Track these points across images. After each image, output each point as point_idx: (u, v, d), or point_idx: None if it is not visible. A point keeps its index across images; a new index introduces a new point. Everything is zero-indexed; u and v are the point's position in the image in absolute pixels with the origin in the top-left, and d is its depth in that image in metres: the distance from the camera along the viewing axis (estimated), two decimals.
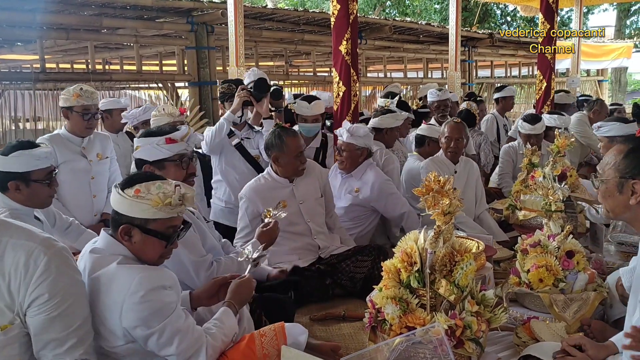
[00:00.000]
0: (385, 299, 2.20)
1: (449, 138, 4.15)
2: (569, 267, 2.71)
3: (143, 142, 2.70)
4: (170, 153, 2.67)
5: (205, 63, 7.43)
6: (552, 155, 4.08)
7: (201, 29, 7.35)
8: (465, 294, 2.14)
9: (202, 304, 2.36)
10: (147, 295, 1.89)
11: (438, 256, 2.18)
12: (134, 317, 1.89)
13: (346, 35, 4.14)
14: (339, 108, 4.24)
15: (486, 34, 11.57)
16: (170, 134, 2.69)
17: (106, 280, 1.93)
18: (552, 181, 3.04)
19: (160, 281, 1.95)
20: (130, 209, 2.00)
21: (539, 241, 2.84)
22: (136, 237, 2.02)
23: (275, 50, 10.24)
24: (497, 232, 4.09)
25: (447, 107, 5.95)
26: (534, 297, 2.71)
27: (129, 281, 1.90)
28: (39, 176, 2.77)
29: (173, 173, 2.64)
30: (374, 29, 9.28)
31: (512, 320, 2.67)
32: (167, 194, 2.01)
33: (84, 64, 9.75)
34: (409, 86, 11.66)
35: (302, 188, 3.57)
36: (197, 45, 7.40)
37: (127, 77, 7.86)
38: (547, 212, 2.93)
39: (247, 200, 3.46)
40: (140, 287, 1.89)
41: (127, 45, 8.27)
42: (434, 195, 2.16)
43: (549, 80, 6.74)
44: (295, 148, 3.42)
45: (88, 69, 8.11)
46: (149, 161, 2.67)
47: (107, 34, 7.34)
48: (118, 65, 8.78)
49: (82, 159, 3.81)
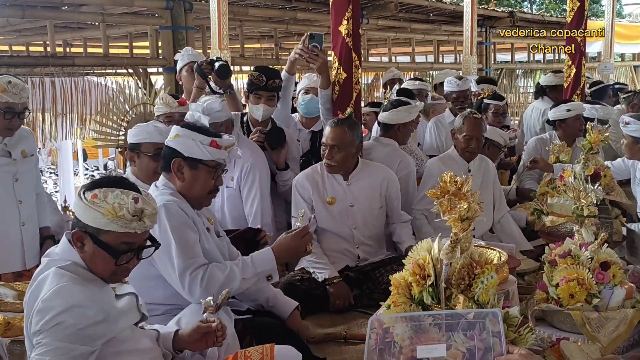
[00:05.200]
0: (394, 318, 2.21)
1: (469, 137, 4.15)
2: (603, 281, 2.73)
3: (185, 133, 2.78)
4: (210, 157, 2.75)
5: (182, 45, 7.36)
6: (583, 152, 4.11)
7: (178, 6, 7.32)
8: None
9: (186, 347, 2.39)
10: (56, 304, 1.98)
11: (455, 268, 2.19)
12: (35, 322, 1.99)
13: (347, 13, 4.13)
14: (338, 97, 4.24)
15: (506, 13, 11.61)
16: (217, 139, 2.78)
17: (37, 283, 2.07)
18: (584, 182, 3.07)
19: (80, 300, 2.00)
20: (84, 214, 2.10)
21: (569, 251, 2.86)
22: (88, 246, 2.11)
23: (263, 31, 10.23)
24: (520, 240, 4.12)
25: (467, 99, 5.96)
26: (564, 315, 2.73)
27: (50, 286, 2.01)
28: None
29: (203, 179, 2.77)
30: (377, 7, 9.28)
31: (539, 342, 2.69)
32: (122, 205, 2.08)
33: (41, 46, 9.70)
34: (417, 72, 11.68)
35: (356, 190, 3.75)
36: (173, 25, 7.36)
37: (91, 61, 7.81)
38: (579, 218, 2.96)
39: (300, 187, 3.78)
40: (55, 295, 1.98)
41: (92, 25, 8.23)
42: (450, 198, 2.17)
43: (578, 65, 6.75)
44: None
45: (46, 51, 8.05)
46: (183, 155, 2.75)
47: (69, 12, 7.29)
48: (81, 47, 8.75)
49: (2, 158, 3.71)
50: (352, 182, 3.77)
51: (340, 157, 3.69)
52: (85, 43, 8.61)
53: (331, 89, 4.22)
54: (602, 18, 13.57)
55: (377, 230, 3.87)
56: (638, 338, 2.79)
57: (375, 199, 3.79)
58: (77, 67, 7.33)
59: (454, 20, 10.82)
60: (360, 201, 3.77)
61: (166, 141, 2.84)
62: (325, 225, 3.75)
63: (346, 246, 3.78)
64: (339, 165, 3.72)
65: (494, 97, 5.79)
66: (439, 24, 11.26)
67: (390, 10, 9.23)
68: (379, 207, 3.81)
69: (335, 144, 3.66)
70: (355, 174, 3.79)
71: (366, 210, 3.78)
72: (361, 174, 3.80)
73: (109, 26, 7.72)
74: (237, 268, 2.74)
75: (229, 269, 2.73)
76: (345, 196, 3.76)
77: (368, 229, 3.82)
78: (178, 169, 2.74)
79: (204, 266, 2.69)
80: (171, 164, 2.76)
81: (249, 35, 10.26)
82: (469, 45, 8.19)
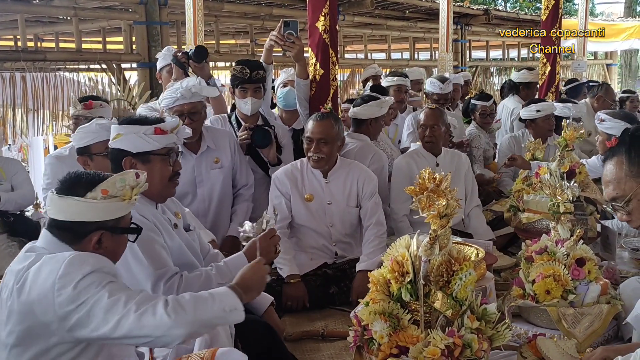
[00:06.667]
0: (372, 315, 2.21)
1: (423, 126, 4.25)
2: (579, 277, 2.77)
3: (126, 130, 2.65)
4: (158, 145, 2.64)
5: (157, 41, 7.33)
6: (558, 150, 4.15)
7: (152, 0, 7.26)
8: (464, 308, 2.17)
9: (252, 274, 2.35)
10: (78, 276, 1.92)
11: (433, 265, 2.19)
12: (65, 301, 1.90)
13: (324, 9, 4.14)
14: (315, 93, 4.24)
15: (481, 10, 11.69)
16: (160, 124, 2.67)
17: (33, 272, 1.96)
18: (560, 179, 3.10)
19: (93, 261, 1.97)
20: (102, 213, 2.06)
21: (546, 247, 2.89)
22: (107, 242, 2.09)
23: (239, 27, 10.19)
24: (482, 233, 4.16)
25: (447, 101, 5.98)
26: (540, 312, 2.76)
27: (58, 264, 1.93)
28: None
29: (159, 169, 2.65)
30: (354, 3, 9.29)
31: (516, 338, 2.71)
32: (132, 184, 2.11)
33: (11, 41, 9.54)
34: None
35: (334, 187, 3.77)
36: (147, 20, 7.30)
37: (64, 56, 7.70)
38: (555, 215, 2.98)
39: (278, 182, 3.78)
40: (70, 269, 1.92)
41: (64, 19, 8.14)
42: (429, 195, 2.18)
43: (553, 63, 6.83)
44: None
45: (17, 46, 7.93)
46: (131, 153, 2.63)
47: (40, 5, 7.20)
48: (53, 42, 8.63)
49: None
50: (331, 180, 3.77)
51: (328, 150, 3.68)
52: (57, 38, 8.49)
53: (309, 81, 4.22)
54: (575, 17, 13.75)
55: (355, 229, 3.88)
56: (613, 334, 2.83)
57: (352, 197, 3.80)
58: (48, 62, 7.21)
59: (429, 18, 10.88)
60: (338, 199, 3.78)
61: (110, 143, 2.72)
62: (303, 221, 3.76)
63: (324, 242, 3.79)
64: (326, 158, 3.71)
65: (480, 97, 5.80)
66: (415, 21, 11.31)
67: (367, 7, 9.25)
68: (355, 206, 3.82)
69: (322, 137, 3.64)
70: (333, 171, 3.79)
71: (343, 209, 3.79)
72: (340, 172, 3.80)
73: (81, 21, 7.61)
74: (212, 273, 2.66)
75: (204, 275, 2.65)
76: (323, 194, 3.77)
77: (345, 227, 3.83)
78: (131, 167, 2.59)
79: (177, 275, 2.60)
80: (122, 164, 2.63)
81: (224, 31, 10.21)
82: (444, 43, 8.23)
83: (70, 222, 2.05)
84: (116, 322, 1.90)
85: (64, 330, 1.92)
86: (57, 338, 1.94)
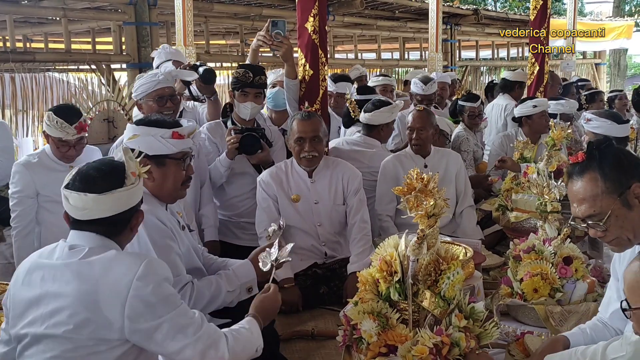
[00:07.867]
0: (361, 314, 2.23)
1: (411, 129, 4.26)
2: (566, 275, 2.80)
3: (144, 131, 2.62)
4: (175, 150, 2.62)
5: (146, 41, 7.33)
6: (546, 149, 4.17)
7: (141, 1, 7.25)
8: (452, 307, 2.18)
9: None
10: (156, 281, 1.97)
11: (421, 264, 2.21)
12: (140, 305, 1.94)
13: (313, 10, 4.14)
14: (305, 94, 4.25)
15: (470, 10, 11.74)
16: (178, 129, 2.65)
17: (102, 264, 1.96)
18: (547, 178, 3.12)
19: (166, 271, 2.05)
20: (138, 193, 2.13)
21: (533, 246, 2.92)
22: (139, 220, 2.18)
23: (229, 27, 10.18)
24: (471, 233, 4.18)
25: (431, 102, 6.00)
26: (528, 310, 2.78)
27: (136, 264, 1.97)
28: None
29: (173, 173, 2.65)
30: (343, 4, 9.31)
31: (504, 336, 2.73)
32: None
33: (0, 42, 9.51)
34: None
35: (320, 187, 3.77)
36: (137, 21, 7.29)
37: (53, 57, 7.67)
38: (542, 214, 3.01)
39: (264, 184, 3.78)
40: (149, 271, 1.97)
41: (53, 20, 8.11)
42: (417, 195, 2.19)
43: (542, 63, 6.87)
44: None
45: (6, 47, 7.91)
46: (147, 154, 2.56)
47: (29, 6, 7.18)
48: (42, 43, 8.60)
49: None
50: (317, 180, 3.78)
51: (321, 147, 3.72)
52: (47, 38, 8.47)
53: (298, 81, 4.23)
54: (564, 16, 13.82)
55: (343, 227, 3.88)
56: None
57: (339, 195, 3.81)
58: (37, 63, 7.18)
59: (419, 18, 10.91)
60: (324, 198, 3.78)
61: (124, 143, 2.64)
62: (291, 222, 3.74)
63: (313, 243, 3.79)
64: (320, 155, 3.73)
65: (468, 98, 5.78)
66: (405, 21, 11.34)
67: (357, 7, 9.27)
68: (342, 204, 3.83)
69: (315, 135, 3.65)
70: (318, 171, 3.80)
71: (330, 207, 3.80)
72: (325, 171, 3.81)
73: (70, 21, 7.60)
74: (221, 281, 2.68)
75: (215, 283, 2.67)
76: (309, 193, 3.77)
77: (333, 226, 3.84)
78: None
79: (190, 283, 2.62)
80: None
81: (214, 32, 10.19)
82: (434, 43, 8.26)
83: (117, 214, 2.05)
84: (181, 347, 2.00)
85: (126, 329, 1.94)
86: (117, 334, 1.95)
